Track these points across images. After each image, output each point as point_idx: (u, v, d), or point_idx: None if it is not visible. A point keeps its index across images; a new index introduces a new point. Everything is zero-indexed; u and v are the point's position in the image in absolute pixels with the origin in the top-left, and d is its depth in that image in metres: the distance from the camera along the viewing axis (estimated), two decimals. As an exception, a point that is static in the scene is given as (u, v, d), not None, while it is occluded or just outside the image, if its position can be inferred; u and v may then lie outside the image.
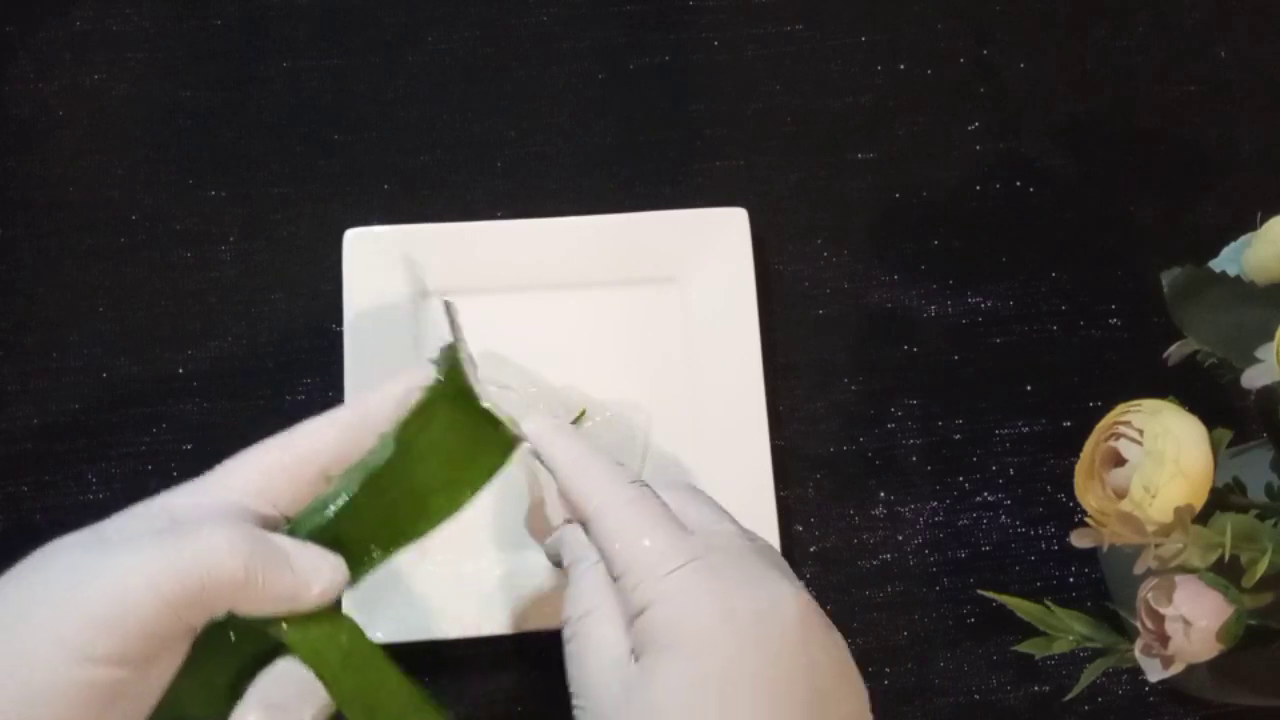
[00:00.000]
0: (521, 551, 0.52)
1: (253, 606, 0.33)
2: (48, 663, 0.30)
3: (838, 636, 0.34)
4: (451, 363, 0.38)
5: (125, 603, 0.30)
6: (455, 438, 0.37)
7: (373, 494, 0.36)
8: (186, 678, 0.33)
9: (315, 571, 0.34)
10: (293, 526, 0.36)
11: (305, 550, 0.34)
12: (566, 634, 0.35)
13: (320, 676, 0.34)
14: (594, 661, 0.34)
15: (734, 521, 0.37)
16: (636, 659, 0.33)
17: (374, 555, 0.36)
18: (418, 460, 0.36)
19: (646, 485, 0.37)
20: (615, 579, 0.34)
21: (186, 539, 0.32)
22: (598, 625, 0.34)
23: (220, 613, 0.33)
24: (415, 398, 0.37)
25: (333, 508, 0.35)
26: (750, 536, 0.36)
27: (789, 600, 0.33)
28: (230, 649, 0.34)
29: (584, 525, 0.36)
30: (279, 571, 0.33)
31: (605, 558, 0.35)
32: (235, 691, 0.34)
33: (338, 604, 0.35)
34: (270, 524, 0.35)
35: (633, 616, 0.33)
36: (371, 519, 0.36)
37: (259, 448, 0.36)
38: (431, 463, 0.37)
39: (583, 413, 0.52)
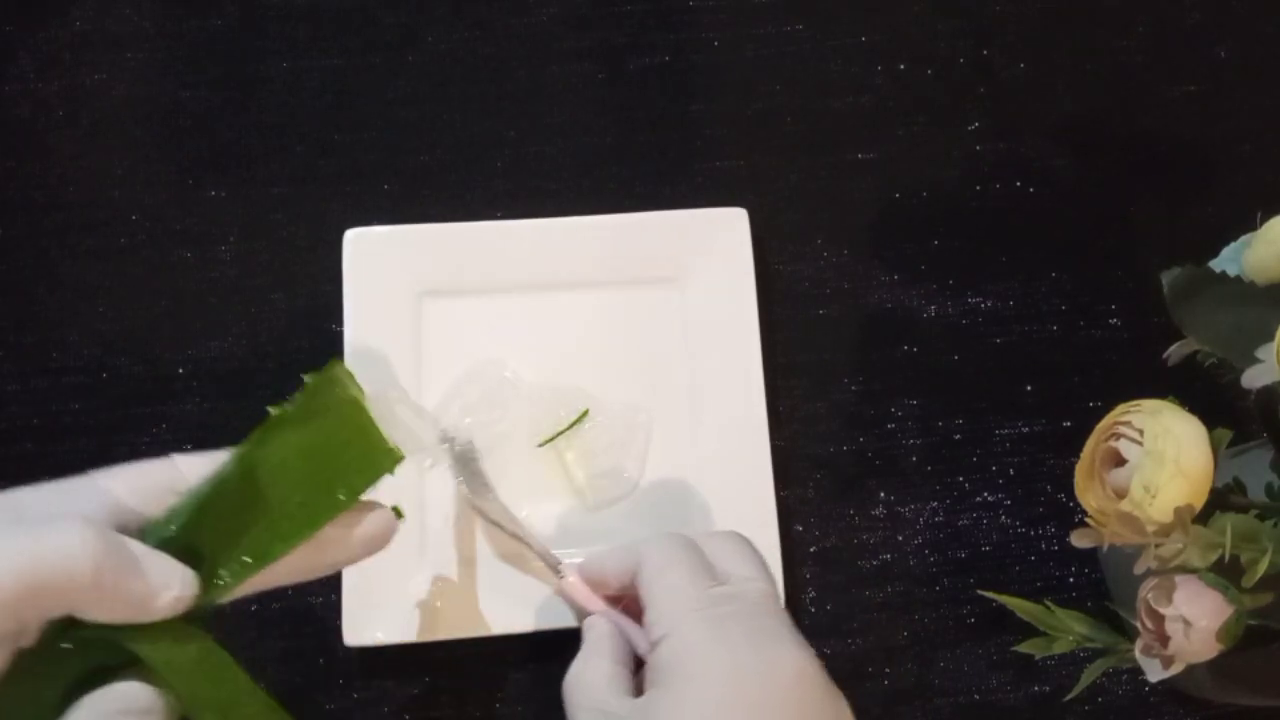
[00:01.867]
0: (521, 552, 0.52)
1: (99, 611, 0.31)
2: None
3: (839, 700, 0.37)
4: (328, 381, 0.37)
5: None
6: (308, 461, 0.36)
7: (216, 509, 0.35)
8: (11, 686, 0.31)
9: (165, 580, 0.32)
10: (142, 535, 0.34)
11: (157, 558, 0.32)
12: (567, 684, 0.40)
13: (171, 684, 0.33)
14: (593, 696, 0.38)
15: (769, 579, 0.40)
16: (645, 693, 0.37)
17: (224, 574, 0.34)
18: (265, 480, 0.35)
19: (686, 537, 0.41)
20: (644, 614, 0.39)
21: (35, 531, 0.30)
22: (599, 667, 0.39)
23: (60, 614, 0.31)
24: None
25: (175, 523, 0.34)
26: (775, 599, 0.40)
27: (790, 658, 0.36)
28: (62, 659, 0.32)
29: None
30: (130, 576, 0.31)
31: (640, 595, 0.40)
32: (60, 709, 0.32)
33: (199, 619, 0.34)
34: (124, 532, 0.33)
35: (655, 645, 0.37)
36: (216, 534, 0.35)
37: (127, 464, 0.35)
38: (280, 484, 0.35)
39: (584, 413, 0.52)
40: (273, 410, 0.36)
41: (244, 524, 0.35)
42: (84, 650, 0.32)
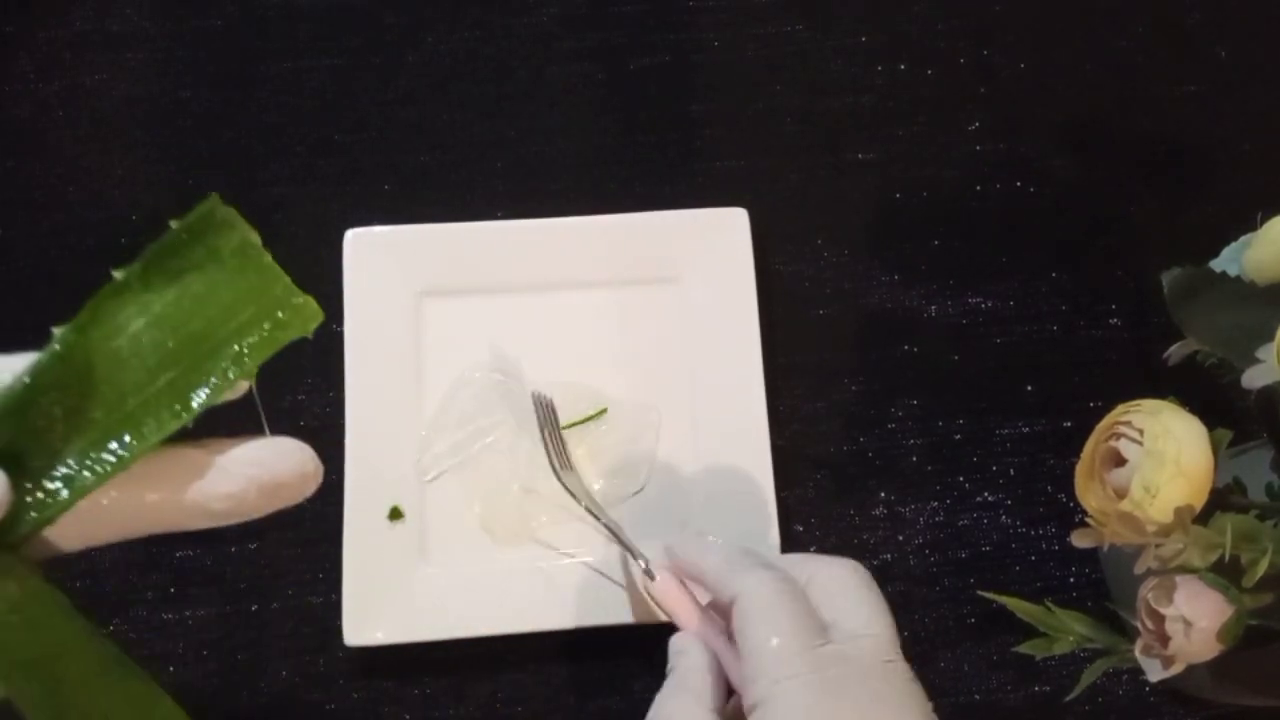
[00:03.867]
0: (521, 552, 0.52)
1: None
2: None
3: None
4: (210, 225, 0.29)
5: None
6: (177, 330, 0.29)
7: (36, 404, 0.26)
8: None
9: None
10: None
11: None
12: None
13: None
14: None
15: (887, 623, 0.36)
16: None
17: (50, 486, 0.26)
18: (110, 361, 0.27)
19: (791, 577, 0.37)
20: (741, 662, 0.35)
21: None
22: (687, 709, 0.36)
23: None
24: None
25: None
26: (892, 649, 0.35)
27: None
28: None
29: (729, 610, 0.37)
30: None
31: (739, 639, 0.36)
32: None
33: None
34: None
35: (750, 708, 0.34)
36: (39, 436, 0.26)
37: None
38: (135, 364, 0.28)
39: (603, 411, 0.53)
40: (117, 272, 0.28)
41: (82, 421, 0.27)
42: None
